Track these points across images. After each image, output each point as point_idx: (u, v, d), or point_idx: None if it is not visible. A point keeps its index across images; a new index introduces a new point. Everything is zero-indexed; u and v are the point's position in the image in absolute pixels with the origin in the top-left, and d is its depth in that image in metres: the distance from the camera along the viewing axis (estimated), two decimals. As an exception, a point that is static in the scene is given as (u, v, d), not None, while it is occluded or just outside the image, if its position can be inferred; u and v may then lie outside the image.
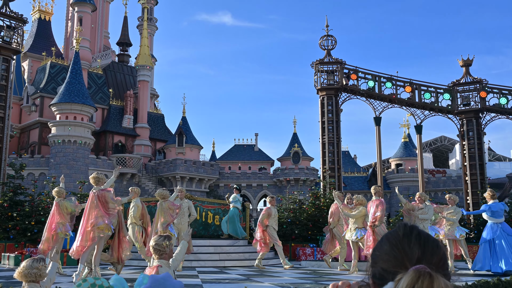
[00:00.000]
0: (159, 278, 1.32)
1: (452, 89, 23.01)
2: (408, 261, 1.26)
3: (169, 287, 1.32)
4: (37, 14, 51.70)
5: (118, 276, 1.38)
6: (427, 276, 1.15)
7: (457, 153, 61.04)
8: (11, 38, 20.60)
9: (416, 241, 1.29)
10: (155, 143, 50.78)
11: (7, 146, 20.05)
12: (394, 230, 1.36)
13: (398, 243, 1.30)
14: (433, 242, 1.31)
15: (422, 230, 1.35)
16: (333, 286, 1.24)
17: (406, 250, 1.28)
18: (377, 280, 1.29)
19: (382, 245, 1.34)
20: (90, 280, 1.27)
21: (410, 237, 1.30)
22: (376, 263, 1.32)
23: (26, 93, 46.13)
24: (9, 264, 15.41)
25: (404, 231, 1.33)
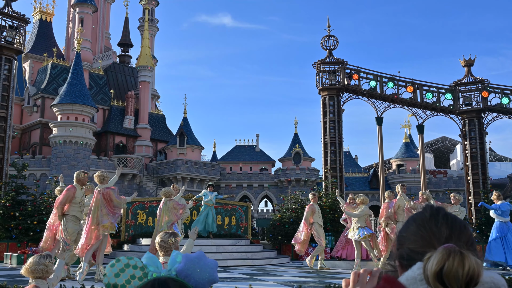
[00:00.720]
0: (193, 257, 1.32)
1: (454, 89, 23.00)
2: (436, 241, 1.24)
3: (203, 266, 1.32)
4: (38, 15, 51.74)
5: (150, 254, 1.38)
6: (458, 253, 1.14)
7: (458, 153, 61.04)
8: (13, 38, 20.62)
9: (444, 221, 1.28)
10: (156, 143, 50.79)
11: (9, 146, 20.07)
12: (420, 212, 1.35)
13: (425, 223, 1.29)
14: (461, 223, 1.29)
15: (449, 212, 1.34)
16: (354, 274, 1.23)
17: (434, 230, 1.26)
18: (404, 261, 1.27)
19: (409, 226, 1.32)
20: (123, 260, 1.27)
21: (437, 217, 1.29)
22: (402, 244, 1.30)
23: (27, 94, 46.16)
24: (12, 263, 15.41)
25: (431, 212, 1.32)
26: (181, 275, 1.29)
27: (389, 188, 48.08)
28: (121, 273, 1.29)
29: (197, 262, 1.30)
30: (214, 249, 16.31)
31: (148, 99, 49.92)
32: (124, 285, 1.28)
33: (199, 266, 1.30)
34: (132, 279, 1.28)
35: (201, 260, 1.31)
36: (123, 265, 1.29)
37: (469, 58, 23.30)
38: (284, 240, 19.88)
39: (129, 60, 56.42)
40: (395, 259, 1.31)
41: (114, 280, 1.28)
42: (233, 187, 48.70)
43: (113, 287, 1.28)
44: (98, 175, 10.62)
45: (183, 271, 1.29)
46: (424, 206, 1.36)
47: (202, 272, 1.30)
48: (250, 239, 19.48)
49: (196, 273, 1.29)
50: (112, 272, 1.29)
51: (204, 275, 1.31)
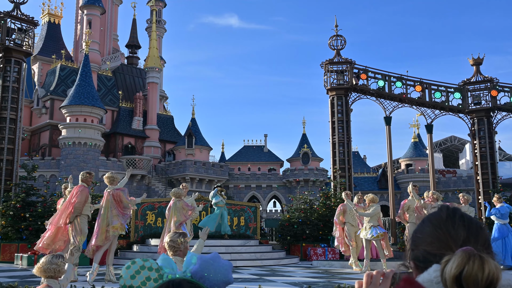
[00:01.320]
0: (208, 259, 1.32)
1: (462, 88, 22.89)
2: (454, 243, 1.22)
3: (218, 267, 1.32)
4: (47, 17, 52.04)
5: (166, 255, 1.39)
6: (477, 257, 1.12)
7: (467, 153, 60.73)
8: (22, 41, 20.76)
9: (460, 222, 1.26)
10: (165, 144, 50.92)
11: (19, 148, 20.21)
12: (436, 212, 1.33)
13: (441, 225, 1.27)
14: (477, 224, 1.28)
15: (465, 212, 1.31)
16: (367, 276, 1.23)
17: (451, 232, 1.24)
18: (420, 263, 1.26)
19: (424, 227, 1.30)
20: (139, 262, 1.28)
21: (454, 218, 1.27)
22: (417, 246, 1.28)
23: (36, 96, 46.45)
24: (22, 264, 15.52)
25: (448, 213, 1.30)
26: (196, 276, 1.30)
27: (398, 188, 47.96)
28: (137, 275, 1.30)
29: (212, 263, 1.31)
30: (223, 249, 16.33)
31: (156, 100, 50.07)
32: (140, 287, 1.29)
33: (214, 267, 1.30)
34: (148, 280, 1.30)
35: (216, 261, 1.32)
36: (138, 267, 1.30)
37: (477, 57, 23.17)
38: (293, 241, 19.87)
39: (137, 61, 56.61)
40: (410, 260, 1.29)
41: (130, 282, 1.29)
42: (242, 187, 48.73)
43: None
44: (108, 176, 10.68)
45: (198, 272, 1.30)
46: (440, 207, 1.34)
47: (217, 273, 1.31)
48: (259, 239, 19.48)
49: (211, 274, 1.30)
50: (128, 274, 1.31)
51: (219, 276, 1.32)
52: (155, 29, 51.10)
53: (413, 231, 1.33)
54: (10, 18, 20.50)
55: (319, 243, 19.44)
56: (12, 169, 19.58)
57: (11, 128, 19.81)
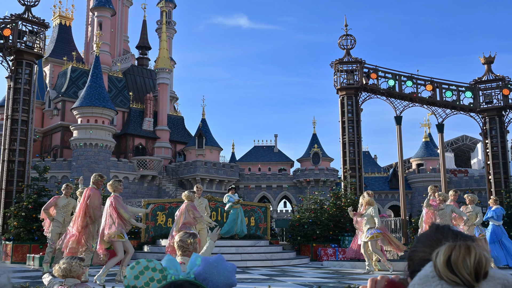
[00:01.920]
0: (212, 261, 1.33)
1: (474, 87, 22.73)
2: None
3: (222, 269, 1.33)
4: (58, 19, 52.41)
5: (170, 256, 1.40)
6: (463, 244, 1.16)
7: (479, 152, 60.30)
8: (34, 43, 20.91)
9: (449, 233, 1.31)
10: (175, 145, 51.07)
11: (31, 149, 20.36)
12: (425, 232, 1.39)
13: (432, 236, 1.32)
14: (466, 235, 1.31)
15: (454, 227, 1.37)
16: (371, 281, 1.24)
17: (441, 239, 1.29)
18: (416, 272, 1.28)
19: (417, 244, 1.36)
20: (143, 262, 1.29)
21: (442, 230, 1.33)
22: (413, 260, 1.33)
23: (48, 98, 46.81)
24: (34, 265, 15.64)
25: (436, 228, 1.35)
26: (200, 278, 1.31)
27: (409, 188, 47.73)
28: (141, 275, 1.31)
29: (216, 265, 1.31)
30: (233, 250, 16.34)
31: (166, 101, 50.25)
32: (143, 287, 1.30)
33: (218, 269, 1.31)
34: (151, 281, 1.30)
35: (219, 263, 1.33)
36: (142, 268, 1.31)
37: (489, 56, 23.00)
38: (303, 241, 19.84)
39: (147, 62, 56.85)
40: (407, 277, 1.33)
41: (134, 282, 1.30)
42: (252, 187, 48.75)
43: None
44: (111, 184, 10.60)
45: (201, 274, 1.31)
46: (430, 225, 1.40)
47: (220, 275, 1.32)
48: (269, 239, 19.47)
49: (214, 276, 1.31)
50: (132, 274, 1.32)
51: (222, 279, 1.33)
52: (165, 30, 51.29)
53: (408, 252, 1.38)
54: (22, 21, 20.66)
55: (329, 243, 19.40)
56: (24, 171, 19.74)
57: (23, 129, 19.97)
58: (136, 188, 44.03)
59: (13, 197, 19.06)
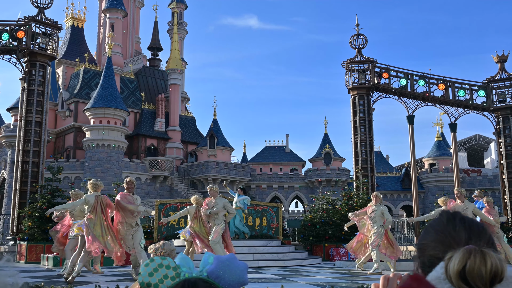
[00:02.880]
0: (224, 259, 1.35)
1: (487, 86, 22.55)
2: (456, 244, 1.24)
3: (234, 268, 1.35)
4: (70, 21, 52.82)
5: (183, 255, 1.42)
6: (478, 252, 1.14)
7: (492, 151, 59.81)
8: (47, 45, 21.11)
9: (461, 225, 1.28)
10: (187, 145, 51.23)
11: (45, 150, 20.55)
12: (436, 218, 1.35)
13: (443, 229, 1.29)
14: (478, 225, 1.29)
15: (465, 215, 1.33)
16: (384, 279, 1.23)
17: (453, 234, 1.26)
18: (426, 268, 1.28)
19: (427, 234, 1.33)
20: (157, 260, 1.31)
21: (454, 222, 1.29)
22: (423, 252, 1.31)
23: (61, 99, 47.18)
24: (48, 264, 15.79)
25: (448, 217, 1.32)
26: (212, 276, 1.33)
27: (421, 188, 47.44)
28: (155, 272, 1.33)
29: (228, 264, 1.33)
30: (245, 250, 16.37)
31: (178, 101, 50.42)
32: (157, 284, 1.32)
33: (230, 268, 1.33)
34: (165, 278, 1.33)
35: (232, 262, 1.35)
36: (156, 265, 1.33)
37: (502, 54, 22.80)
38: (315, 241, 19.81)
39: (159, 63, 57.09)
40: (417, 268, 1.31)
41: (148, 279, 1.32)
42: (264, 188, 48.75)
43: (147, 286, 1.33)
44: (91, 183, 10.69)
45: (213, 272, 1.33)
46: (441, 212, 1.36)
47: (232, 274, 1.34)
48: (281, 239, 19.48)
49: (226, 274, 1.33)
50: (146, 272, 1.34)
51: (234, 277, 1.35)
52: (176, 31, 51.46)
53: (418, 240, 1.36)
54: (35, 23, 20.86)
55: (341, 243, 19.34)
56: (37, 171, 19.93)
57: (37, 130, 20.16)
58: (148, 188, 44.24)
59: (27, 198, 19.25)
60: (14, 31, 20.39)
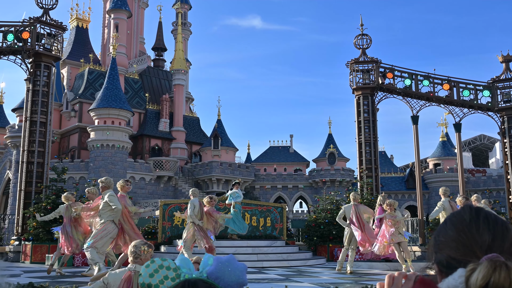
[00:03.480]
0: (224, 260, 1.36)
1: (492, 86, 22.48)
2: (478, 248, 1.18)
3: (233, 268, 1.36)
4: (75, 22, 52.98)
5: (183, 256, 1.43)
6: (504, 267, 1.08)
7: (497, 151, 59.59)
8: (52, 46, 21.17)
9: (485, 225, 1.21)
10: (191, 146, 51.29)
11: (49, 151, 20.61)
12: (458, 213, 1.27)
13: (465, 228, 1.22)
14: (502, 225, 1.22)
15: (489, 211, 1.26)
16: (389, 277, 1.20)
17: (475, 236, 1.19)
18: (444, 268, 1.22)
19: (447, 231, 1.25)
20: (157, 261, 1.33)
21: (478, 221, 1.22)
22: (441, 249, 1.24)
23: (65, 99, 47.32)
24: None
25: (471, 215, 1.24)
26: (212, 276, 1.34)
27: (425, 188, 47.34)
28: (155, 273, 1.34)
29: (228, 265, 1.34)
30: (249, 250, 16.38)
31: (182, 102, 50.48)
32: (158, 285, 1.33)
33: (230, 269, 1.34)
34: (166, 279, 1.34)
35: (231, 263, 1.36)
36: (157, 266, 1.35)
37: (507, 54, 22.71)
38: (319, 241, 19.80)
39: (163, 64, 57.18)
40: (434, 263, 1.26)
41: (149, 280, 1.34)
42: (268, 188, 48.75)
43: (148, 287, 1.34)
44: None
45: (213, 273, 1.34)
46: (463, 207, 1.28)
47: (232, 274, 1.34)
48: (286, 240, 19.48)
49: (226, 275, 1.34)
50: (147, 273, 1.35)
51: (234, 278, 1.35)
52: (180, 31, 51.53)
53: (436, 233, 1.28)
54: (40, 24, 20.92)
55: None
56: (42, 172, 19.98)
57: (41, 131, 20.23)
58: (152, 188, 44.31)
59: (32, 198, 19.31)
60: (19, 32, 20.46)
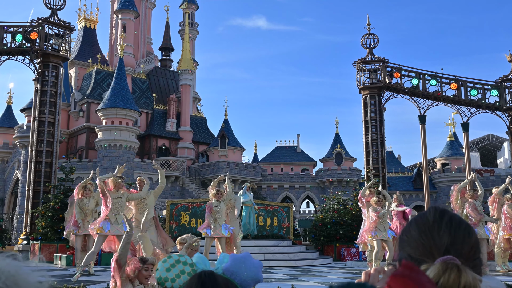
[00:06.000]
0: (239, 257, 1.38)
1: (499, 85, 22.39)
2: (436, 250, 1.19)
3: (249, 265, 1.38)
4: (83, 22, 53.19)
5: (200, 254, 1.46)
6: (454, 269, 1.10)
7: (505, 151, 59.29)
8: (60, 46, 21.29)
9: (447, 229, 1.21)
10: (198, 146, 51.35)
11: (57, 151, 20.73)
12: (424, 213, 1.28)
13: (427, 230, 1.23)
14: (465, 229, 1.23)
15: (454, 214, 1.26)
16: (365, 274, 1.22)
17: (435, 238, 1.21)
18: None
19: (411, 230, 1.27)
20: (174, 257, 1.35)
21: (440, 223, 1.23)
22: (403, 248, 1.26)
23: (73, 100, 47.50)
24: (61, 264, 15.93)
25: (434, 217, 1.25)
26: (228, 272, 1.36)
27: (433, 188, 47.17)
28: (172, 268, 1.37)
29: (243, 261, 1.36)
30: (256, 249, 16.39)
31: (189, 102, 50.55)
32: (174, 279, 1.35)
33: (245, 266, 1.36)
34: (182, 274, 1.36)
35: (247, 260, 1.38)
36: (174, 261, 1.37)
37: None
38: (326, 241, 19.79)
39: (170, 64, 57.27)
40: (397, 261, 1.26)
41: (165, 274, 1.36)
42: (275, 188, 48.73)
43: (164, 280, 1.37)
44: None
45: (229, 269, 1.36)
46: (429, 208, 1.30)
47: (247, 271, 1.36)
48: (292, 239, 19.48)
49: (241, 271, 1.36)
50: (163, 267, 1.38)
51: (249, 274, 1.37)
52: (187, 31, 51.60)
53: (401, 232, 1.30)
54: (48, 24, 21.05)
55: (353, 243, 19.28)
56: (50, 171, 20.10)
57: (50, 131, 20.34)
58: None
59: (41, 198, 19.42)
60: (28, 32, 20.59)
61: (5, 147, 47.75)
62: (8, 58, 20.79)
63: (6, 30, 20.57)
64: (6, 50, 20.45)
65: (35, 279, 1.06)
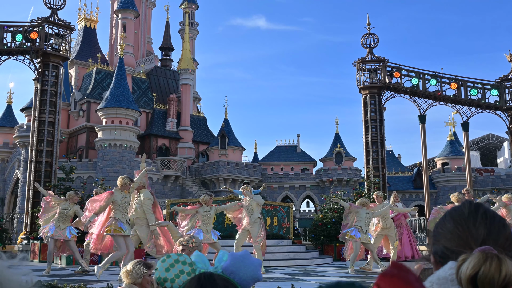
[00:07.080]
0: (238, 256, 1.39)
1: (499, 85, 22.39)
2: (473, 241, 1.21)
3: (248, 264, 1.39)
4: (83, 22, 53.18)
5: (199, 252, 1.47)
6: (495, 258, 1.10)
7: (505, 151, 59.32)
8: (60, 46, 21.29)
9: (482, 220, 1.23)
10: (198, 145, 51.36)
11: (57, 150, 20.73)
12: (458, 207, 1.30)
13: (462, 222, 1.25)
14: (500, 221, 1.25)
15: (488, 208, 1.28)
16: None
17: (471, 230, 1.22)
18: (439, 258, 1.25)
19: (446, 223, 1.28)
20: (173, 256, 1.36)
21: (475, 215, 1.25)
22: (438, 240, 1.28)
23: (73, 99, 47.51)
24: (61, 263, 15.94)
25: (470, 209, 1.27)
26: (227, 272, 1.36)
27: (433, 188, 47.16)
28: (171, 268, 1.37)
29: (242, 260, 1.37)
30: (256, 249, 16.37)
31: (189, 101, 50.56)
32: (174, 279, 1.36)
33: (244, 264, 1.37)
34: (181, 273, 1.37)
35: (246, 258, 1.38)
36: (173, 261, 1.38)
37: (515, 53, 22.61)
38: (326, 241, 19.80)
39: (170, 63, 57.27)
40: (431, 254, 1.29)
41: (165, 274, 1.37)
42: (275, 187, 48.74)
43: (163, 281, 1.37)
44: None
45: (228, 268, 1.37)
46: (463, 202, 1.32)
47: (247, 269, 1.37)
48: (292, 239, 19.48)
49: (241, 270, 1.36)
50: (163, 267, 1.38)
51: (248, 273, 1.38)
52: (187, 31, 51.60)
53: (435, 226, 1.32)
54: (48, 24, 21.04)
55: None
56: (50, 171, 20.10)
57: (50, 131, 20.35)
58: (159, 188, 44.42)
59: (41, 197, 19.41)
60: (28, 32, 20.59)
61: (5, 147, 47.77)
62: (8, 58, 20.79)
63: (6, 29, 20.57)
64: (6, 50, 20.45)
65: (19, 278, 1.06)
